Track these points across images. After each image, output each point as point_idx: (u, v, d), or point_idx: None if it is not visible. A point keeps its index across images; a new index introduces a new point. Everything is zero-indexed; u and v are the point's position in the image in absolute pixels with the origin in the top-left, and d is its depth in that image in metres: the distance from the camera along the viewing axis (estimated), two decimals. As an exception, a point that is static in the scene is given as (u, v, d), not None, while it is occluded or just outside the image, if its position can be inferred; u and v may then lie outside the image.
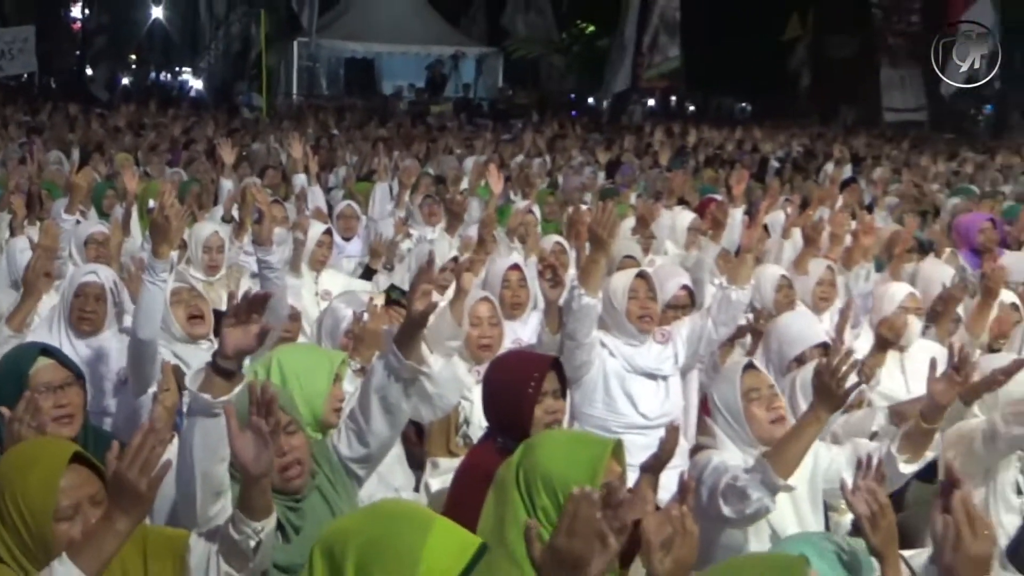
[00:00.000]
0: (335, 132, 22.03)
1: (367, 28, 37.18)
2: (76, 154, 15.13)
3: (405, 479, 5.47)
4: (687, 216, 9.87)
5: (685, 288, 6.54)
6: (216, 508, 3.50)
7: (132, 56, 44.87)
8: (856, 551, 3.51)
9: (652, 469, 4.25)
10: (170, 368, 4.75)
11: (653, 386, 5.72)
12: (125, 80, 40.50)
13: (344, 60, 40.47)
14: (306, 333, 6.60)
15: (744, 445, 4.36)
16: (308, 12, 31.72)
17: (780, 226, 9.36)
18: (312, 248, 8.26)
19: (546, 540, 2.68)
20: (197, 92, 37.80)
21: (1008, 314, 6.65)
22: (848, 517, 4.72)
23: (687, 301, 6.45)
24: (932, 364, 4.33)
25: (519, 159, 17.36)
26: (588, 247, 5.68)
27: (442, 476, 5.30)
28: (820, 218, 8.50)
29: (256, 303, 3.62)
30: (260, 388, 3.22)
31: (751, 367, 4.61)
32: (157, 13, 44.43)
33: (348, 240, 9.79)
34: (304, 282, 7.88)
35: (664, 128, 25.75)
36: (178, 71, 47.26)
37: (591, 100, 42.82)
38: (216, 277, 7.83)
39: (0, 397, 4.02)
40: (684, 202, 11.74)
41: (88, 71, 35.37)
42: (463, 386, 5.56)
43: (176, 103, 28.93)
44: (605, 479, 3.26)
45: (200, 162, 14.21)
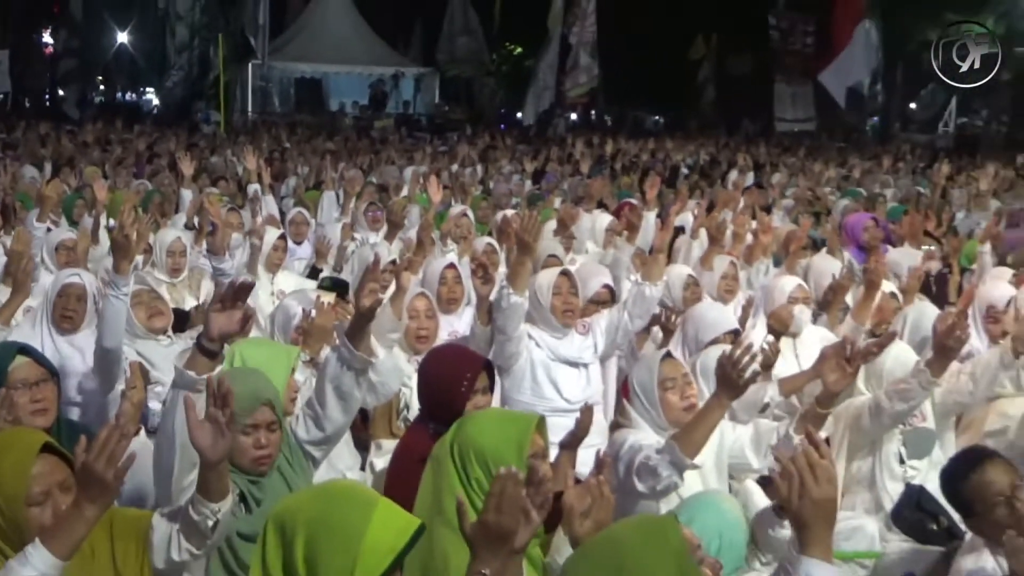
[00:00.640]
0: (287, 145, 21.88)
1: (315, 50, 37.05)
2: (48, 168, 14.97)
3: (352, 459, 5.45)
4: (605, 218, 9.89)
5: (607, 286, 6.55)
6: (190, 478, 3.47)
7: (100, 77, 44.41)
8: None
9: (570, 445, 4.29)
10: (137, 367, 4.71)
11: (575, 373, 5.74)
12: (96, 99, 40.09)
13: (294, 80, 40.22)
14: (260, 327, 6.55)
15: (657, 427, 4.38)
16: (260, 38, 31.63)
17: (689, 227, 9.42)
18: (268, 252, 8.20)
19: (476, 513, 2.68)
20: (156, 109, 37.41)
21: (888, 302, 6.73)
22: (749, 483, 4.78)
23: (608, 297, 6.45)
24: (823, 355, 4.38)
25: (454, 168, 17.36)
26: (515, 251, 5.68)
27: (385, 456, 5.28)
28: (724, 219, 8.53)
29: (241, 291, 3.71)
30: (216, 383, 3.19)
31: (668, 357, 4.63)
32: (123, 38, 44.03)
33: (299, 244, 9.72)
34: (261, 283, 7.81)
35: (585, 139, 25.79)
36: (142, 91, 46.88)
37: (519, 115, 42.91)
38: (179, 279, 7.83)
39: (-20, 393, 4.01)
40: (603, 206, 11.78)
41: (60, 91, 34.87)
42: (403, 374, 5.56)
43: (140, 120, 28.62)
44: (531, 451, 3.31)
45: (163, 174, 14.05)
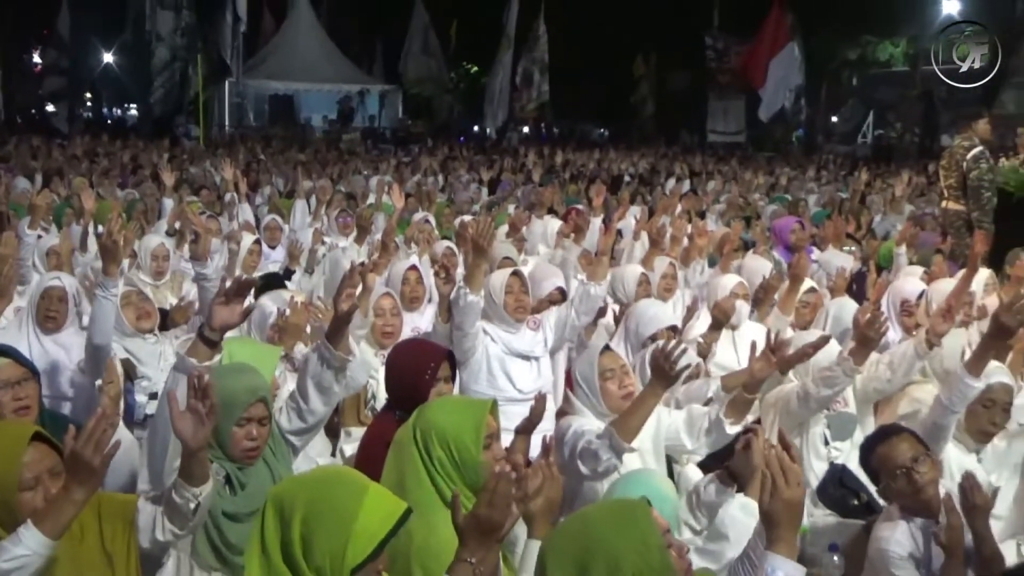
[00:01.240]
0: (261, 157, 21.75)
1: (287, 70, 36.94)
2: (39, 179, 14.79)
3: (323, 446, 5.45)
4: (555, 223, 9.91)
5: (559, 288, 6.58)
6: (176, 463, 3.44)
7: (87, 94, 44.00)
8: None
9: (525, 431, 4.31)
10: (113, 364, 4.67)
11: (527, 365, 5.75)
12: (84, 114, 39.73)
13: (268, 96, 40.11)
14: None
15: (599, 414, 4.39)
16: (234, 59, 31.56)
17: (631, 230, 9.45)
18: (244, 256, 8.24)
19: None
20: (139, 123, 37.16)
21: (813, 297, 6.80)
22: (689, 467, 4.81)
23: (559, 298, 6.47)
24: (752, 346, 4.41)
25: (417, 178, 17.35)
26: (471, 254, 5.68)
27: (354, 443, 5.30)
28: (664, 224, 8.57)
29: (244, 287, 3.72)
30: (197, 377, 3.18)
31: (607, 349, 4.64)
32: (108, 58, 43.67)
33: (273, 248, 9.67)
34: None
35: (536, 151, 25.84)
36: (127, 107, 46.54)
37: (476, 128, 42.99)
38: (162, 281, 7.79)
39: (-36, 394, 4.00)
40: (553, 211, 11.79)
41: (50, 107, 34.53)
42: (370, 368, 5.59)
43: (125, 134, 28.38)
44: (486, 432, 3.34)
45: (146, 184, 13.92)
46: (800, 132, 37.71)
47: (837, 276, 7.34)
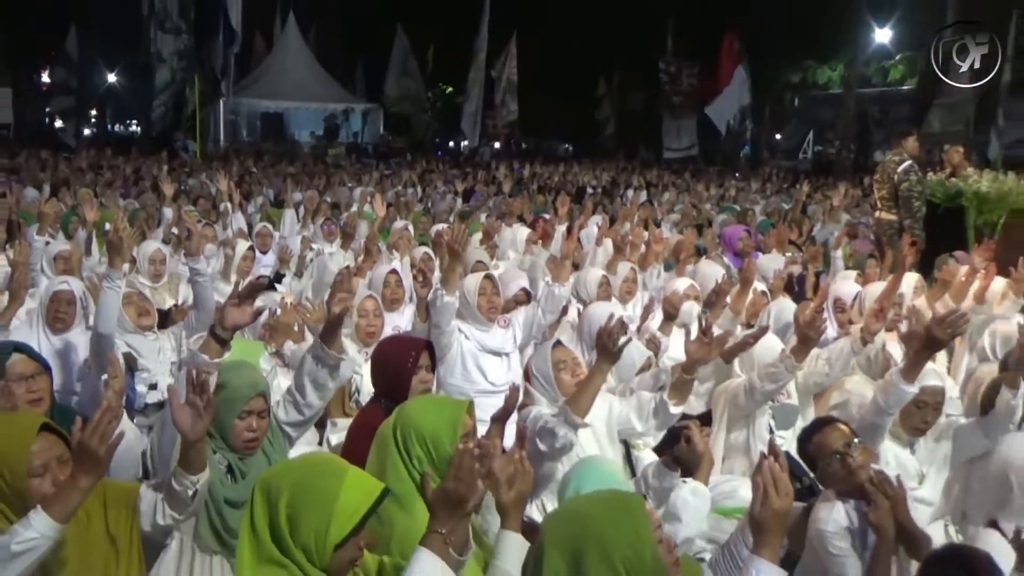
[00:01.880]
0: (253, 170, 21.68)
1: (277, 89, 36.91)
2: (47, 189, 14.66)
3: (311, 435, 5.40)
4: (524, 231, 9.95)
5: (524, 289, 6.69)
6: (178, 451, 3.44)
7: (93, 111, 43.71)
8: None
9: (500, 419, 4.29)
10: (116, 359, 4.63)
11: (498, 361, 5.76)
12: (87, 131, 39.45)
13: (259, 114, 40.09)
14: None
15: (555, 402, 4.40)
16: (226, 80, 31.50)
17: (593, 237, 9.48)
18: (239, 261, 8.28)
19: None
20: (138, 138, 36.97)
21: (759, 298, 6.84)
22: (646, 452, 4.81)
23: (524, 298, 6.56)
24: (687, 331, 4.47)
25: (397, 189, 17.33)
26: (447, 258, 5.69)
27: (339, 433, 5.27)
28: (625, 232, 8.60)
29: (255, 290, 3.76)
30: (195, 373, 3.17)
31: (559, 344, 4.70)
32: (112, 78, 43.45)
33: (264, 253, 9.65)
34: (233, 287, 7.75)
35: (506, 164, 25.87)
36: (129, 123, 46.29)
37: (451, 143, 43.03)
38: (160, 283, 7.78)
39: (-19, 387, 4.00)
40: (522, 220, 11.82)
41: (58, 123, 34.25)
42: (355, 363, 5.54)
43: (127, 148, 28.19)
44: (463, 430, 3.33)
45: (147, 194, 13.89)
46: (747, 148, 37.92)
47: (775, 278, 7.41)
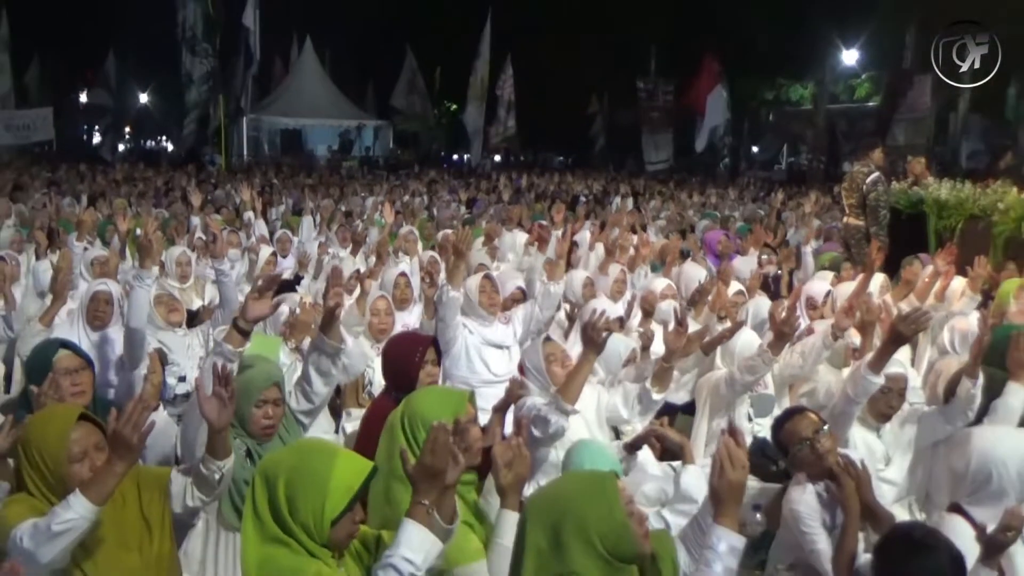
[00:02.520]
0: (274, 181, 21.68)
1: (295, 107, 36.98)
2: (84, 199, 14.71)
3: (328, 424, 5.42)
4: (522, 235, 9.97)
5: (519, 288, 6.74)
6: (202, 439, 3.43)
7: (127, 128, 43.75)
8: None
9: (501, 409, 4.28)
10: (156, 356, 4.64)
11: (499, 353, 5.75)
12: (122, 146, 39.54)
13: (279, 130, 40.10)
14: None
15: (546, 391, 4.40)
16: (246, 99, 31.58)
17: (586, 241, 9.48)
18: (263, 265, 8.34)
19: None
20: (169, 152, 37.08)
21: (736, 297, 6.85)
22: (645, 452, 4.81)
23: (520, 296, 6.60)
24: (664, 325, 4.48)
25: (405, 199, 17.33)
26: (452, 258, 5.69)
27: (353, 422, 5.28)
28: (616, 236, 8.61)
29: (271, 282, 3.87)
30: (220, 366, 3.17)
31: (548, 339, 4.72)
32: (144, 98, 43.53)
33: (284, 257, 9.65)
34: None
35: (506, 175, 25.87)
36: (160, 139, 46.36)
37: (455, 156, 43.09)
38: (187, 284, 7.81)
39: (31, 379, 4.07)
40: (521, 226, 11.84)
41: (95, 139, 34.34)
42: (368, 358, 5.61)
43: (159, 162, 28.24)
44: (465, 419, 3.33)
45: (177, 204, 13.89)
46: (726, 160, 37.94)
47: (752, 278, 7.44)
